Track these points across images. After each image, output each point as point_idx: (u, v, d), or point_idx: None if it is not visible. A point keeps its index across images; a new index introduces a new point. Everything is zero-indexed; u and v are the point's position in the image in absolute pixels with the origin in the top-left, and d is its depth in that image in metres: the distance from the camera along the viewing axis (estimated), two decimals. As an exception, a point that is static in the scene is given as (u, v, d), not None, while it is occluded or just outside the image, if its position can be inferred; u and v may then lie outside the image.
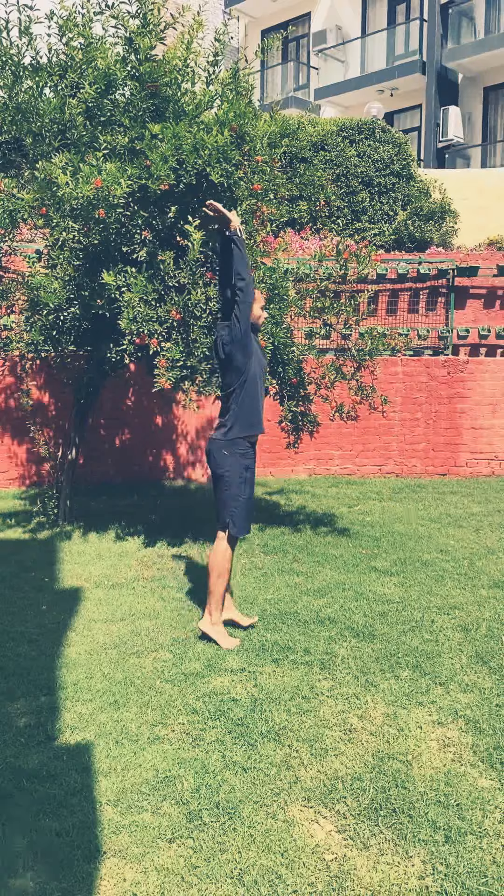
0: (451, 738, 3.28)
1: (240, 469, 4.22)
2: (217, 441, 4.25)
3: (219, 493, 4.27)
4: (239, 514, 4.24)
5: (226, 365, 4.27)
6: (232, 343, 4.18)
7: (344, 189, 11.05)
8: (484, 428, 10.00)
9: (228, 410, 4.26)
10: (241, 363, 4.20)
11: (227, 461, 4.21)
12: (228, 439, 4.22)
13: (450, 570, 5.69)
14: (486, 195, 12.56)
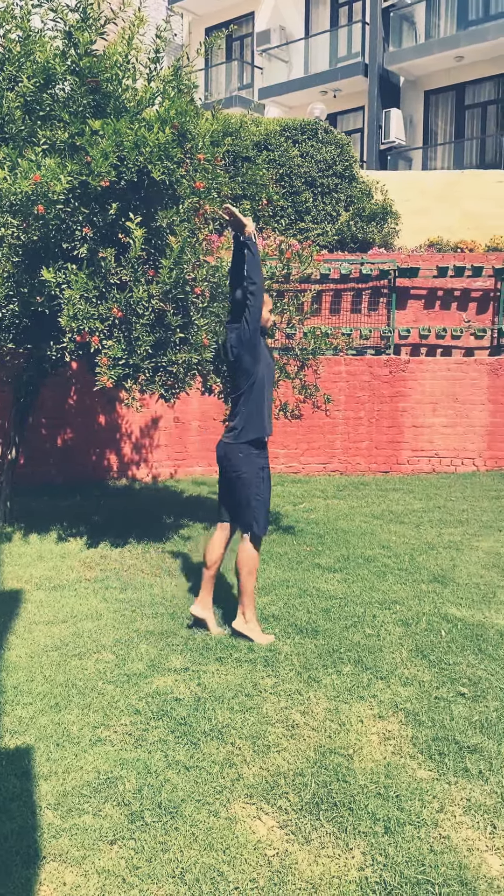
0: (392, 731, 3.33)
1: (256, 469, 4.27)
2: (230, 444, 4.29)
3: (237, 495, 4.29)
4: (261, 513, 4.29)
5: (235, 367, 4.31)
6: (241, 346, 4.21)
7: (287, 189, 11.11)
8: (425, 426, 10.18)
9: (238, 413, 4.28)
10: (249, 365, 4.23)
11: (243, 463, 4.25)
12: (239, 442, 4.26)
13: (391, 566, 5.78)
14: (426, 197, 12.78)
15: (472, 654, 4.14)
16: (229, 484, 4.35)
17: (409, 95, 19.33)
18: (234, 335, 4.24)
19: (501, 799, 2.83)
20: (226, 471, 4.35)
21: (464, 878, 2.41)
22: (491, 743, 3.21)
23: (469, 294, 10.90)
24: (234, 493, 4.33)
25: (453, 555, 6.15)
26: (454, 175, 13.08)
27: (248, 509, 4.28)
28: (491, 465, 10.22)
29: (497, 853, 2.54)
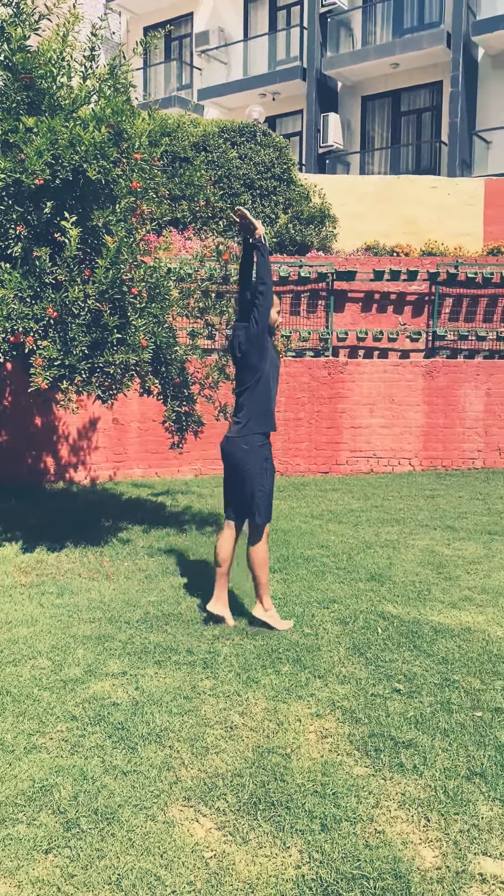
0: (329, 729, 3.37)
1: (260, 461, 4.41)
2: (234, 438, 4.44)
3: (242, 487, 4.44)
4: (263, 503, 4.45)
5: (241, 364, 4.46)
6: (249, 344, 4.37)
7: (226, 191, 11.12)
8: (363, 427, 10.32)
9: (242, 408, 4.44)
10: (256, 362, 4.38)
11: (247, 456, 4.39)
12: (244, 435, 4.40)
13: (330, 565, 5.84)
14: (363, 201, 12.97)
15: (407, 650, 4.22)
16: (234, 477, 4.49)
17: (347, 100, 19.59)
18: (243, 333, 4.40)
19: (435, 792, 2.89)
20: (230, 464, 4.49)
21: (398, 871, 2.45)
22: (425, 738, 3.27)
23: (405, 298, 11.11)
24: (238, 485, 4.47)
25: (390, 553, 6.25)
26: (390, 180, 13.31)
27: (251, 500, 4.44)
28: (426, 464, 10.43)
29: (430, 845, 2.60)
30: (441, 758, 3.12)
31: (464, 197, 12.90)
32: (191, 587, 5.29)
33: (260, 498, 4.43)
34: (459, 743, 3.23)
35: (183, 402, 6.52)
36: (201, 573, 5.61)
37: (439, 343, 11.08)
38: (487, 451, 10.46)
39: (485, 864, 2.50)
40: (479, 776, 2.99)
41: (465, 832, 2.66)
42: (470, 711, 3.51)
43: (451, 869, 2.47)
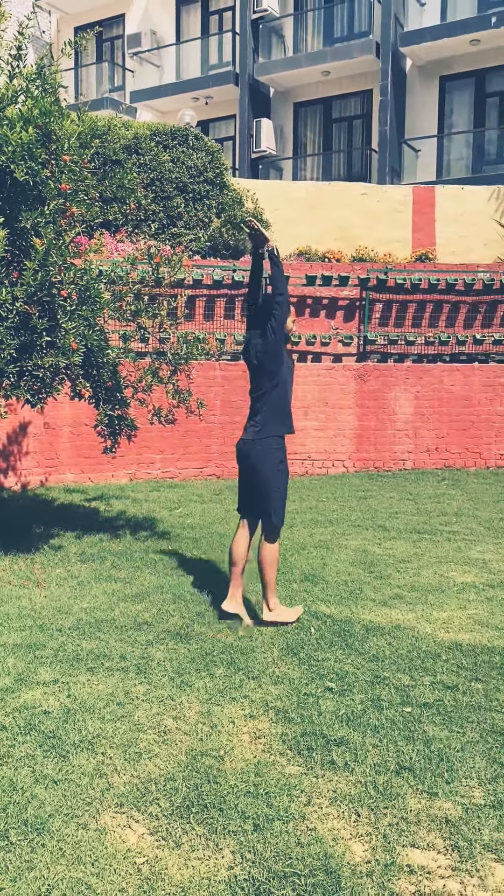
0: (262, 729, 3.39)
1: (275, 462, 4.56)
2: (251, 441, 4.58)
3: (258, 488, 4.59)
4: (278, 504, 4.58)
5: (258, 370, 4.59)
6: (266, 352, 4.50)
7: (159, 194, 11.08)
8: (297, 430, 10.41)
9: (259, 412, 4.58)
10: (274, 368, 4.53)
11: (263, 458, 4.53)
12: (262, 437, 4.55)
13: (264, 568, 5.87)
14: (296, 206, 13.10)
15: (339, 649, 4.28)
16: (249, 479, 4.63)
17: (280, 106, 19.77)
18: (260, 342, 4.51)
19: (365, 788, 2.94)
20: (246, 466, 4.63)
21: (329, 866, 2.49)
22: (356, 735, 3.33)
23: (337, 302, 11.27)
24: (254, 486, 4.62)
25: (324, 554, 6.33)
26: (322, 186, 13.49)
27: (267, 501, 4.57)
28: (359, 466, 10.60)
29: (360, 840, 2.64)
30: (371, 754, 3.18)
31: (393, 204, 13.17)
32: (125, 593, 5.25)
33: (276, 498, 4.57)
34: (389, 739, 3.30)
35: (116, 405, 6.47)
36: (135, 579, 5.57)
37: (370, 347, 11.28)
38: (417, 452, 10.70)
39: (413, 856, 2.56)
40: (408, 770, 3.05)
41: (394, 825, 2.72)
42: (400, 707, 3.58)
43: (380, 862, 2.52)
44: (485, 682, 3.85)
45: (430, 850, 2.60)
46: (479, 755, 3.16)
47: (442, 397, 10.71)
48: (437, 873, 2.48)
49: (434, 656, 4.19)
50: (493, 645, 4.35)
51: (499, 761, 3.12)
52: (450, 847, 2.60)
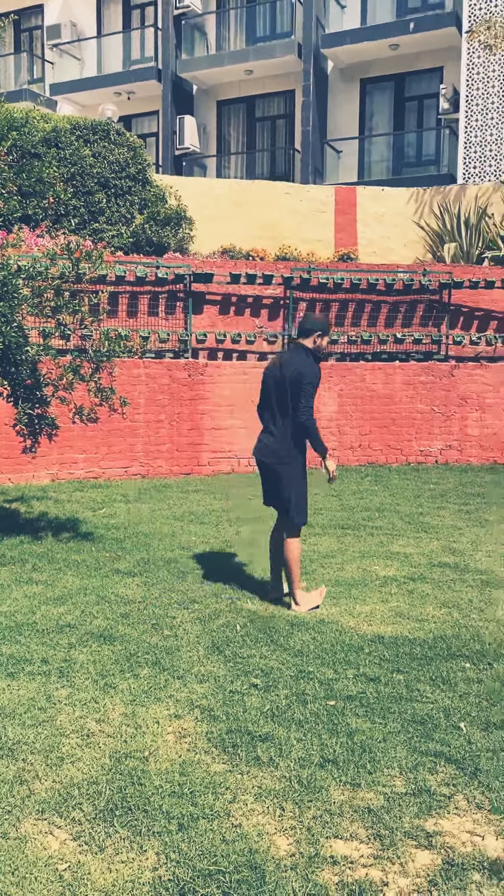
0: (187, 728, 3.37)
1: (298, 466, 4.86)
2: (274, 446, 4.89)
3: (280, 490, 4.88)
4: (301, 505, 4.88)
5: (286, 395, 4.84)
6: (297, 397, 4.77)
7: (80, 188, 10.90)
8: (224, 428, 10.43)
9: (286, 417, 4.85)
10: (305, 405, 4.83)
11: (286, 461, 4.84)
12: (282, 442, 4.85)
13: (190, 566, 5.86)
14: (219, 204, 13.10)
15: (264, 645, 4.30)
16: (270, 478, 4.96)
17: (203, 104, 19.73)
18: (294, 399, 4.76)
19: (290, 782, 2.96)
20: (269, 469, 4.93)
21: (253, 862, 2.50)
22: (281, 730, 3.35)
23: (261, 301, 11.32)
24: (277, 488, 4.91)
25: (250, 551, 6.34)
26: (246, 184, 13.53)
27: (289, 503, 4.86)
28: (286, 463, 10.67)
29: (285, 834, 2.66)
30: (296, 748, 3.20)
31: (315, 204, 13.32)
32: (46, 595, 5.14)
33: (298, 500, 4.86)
34: (313, 732, 3.33)
35: (35, 404, 6.32)
36: (57, 581, 5.46)
37: (295, 345, 11.38)
38: (341, 449, 10.85)
39: (336, 847, 2.60)
40: (332, 763, 3.09)
41: (317, 818, 2.75)
42: (324, 701, 3.62)
43: (304, 855, 2.55)
44: (406, 673, 3.94)
45: (353, 840, 2.64)
46: (401, 745, 3.23)
47: (365, 395, 10.89)
48: (360, 862, 2.52)
49: (357, 649, 4.26)
50: (413, 636, 4.45)
51: (419, 750, 3.19)
52: (372, 836, 2.65)
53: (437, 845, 2.60)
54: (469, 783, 2.96)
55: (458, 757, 3.13)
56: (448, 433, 11.01)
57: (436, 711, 3.51)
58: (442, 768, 3.06)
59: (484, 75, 15.60)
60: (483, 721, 3.43)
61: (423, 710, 3.54)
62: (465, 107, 15.82)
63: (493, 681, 3.84)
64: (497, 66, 15.46)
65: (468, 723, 3.41)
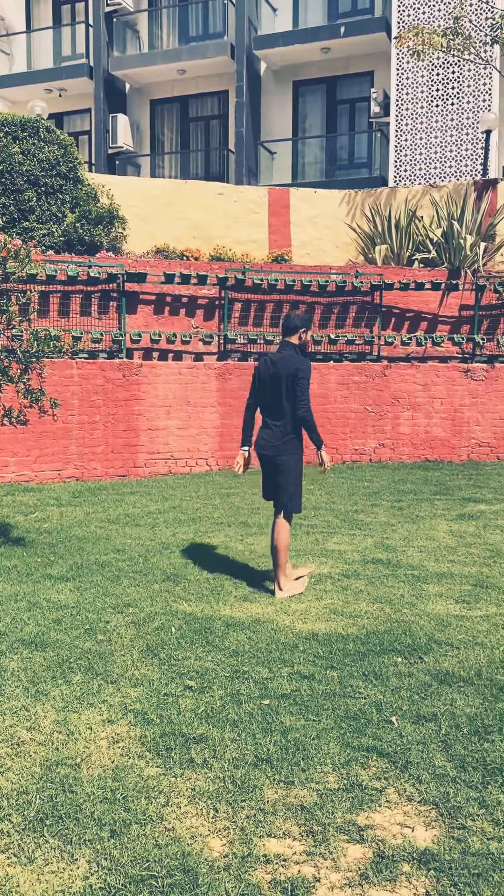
0: (121, 733, 3.34)
1: (296, 458, 5.21)
2: (275, 440, 5.18)
3: (278, 481, 5.23)
4: (296, 495, 5.26)
5: (284, 394, 5.18)
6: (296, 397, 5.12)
7: (8, 186, 10.67)
8: (160, 429, 10.36)
9: (285, 414, 5.17)
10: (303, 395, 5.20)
11: (285, 453, 5.17)
12: (282, 436, 5.17)
13: (125, 569, 5.80)
14: (153, 204, 13.01)
15: (200, 647, 4.29)
16: (270, 471, 5.27)
17: (136, 102, 19.56)
18: (296, 389, 5.08)
19: (224, 783, 2.96)
20: (270, 461, 5.23)
21: (186, 865, 2.48)
22: (215, 731, 3.35)
23: (196, 301, 11.29)
24: (275, 479, 5.25)
25: (186, 552, 6.32)
26: (179, 184, 13.47)
27: (285, 492, 5.23)
28: (222, 463, 10.68)
29: (218, 835, 2.66)
30: (230, 748, 3.20)
31: (249, 205, 13.36)
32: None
33: (293, 490, 5.22)
34: (248, 732, 3.34)
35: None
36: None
37: (231, 346, 11.39)
38: (279, 449, 10.91)
39: (269, 845, 2.60)
40: (266, 762, 3.10)
41: (251, 817, 2.75)
42: (258, 700, 3.63)
43: (237, 855, 2.55)
44: (339, 670, 3.98)
45: (287, 837, 2.65)
46: (334, 741, 3.27)
47: (300, 395, 10.98)
48: (293, 860, 2.54)
49: (292, 647, 4.28)
50: (347, 633, 4.51)
51: (352, 745, 3.23)
52: (305, 833, 2.67)
53: (368, 839, 2.63)
54: (400, 776, 3.01)
55: (390, 751, 3.18)
56: (381, 432, 11.20)
57: (368, 706, 3.56)
58: (374, 762, 3.11)
59: (413, 81, 15.91)
60: (414, 714, 3.49)
61: (356, 705, 3.58)
62: (395, 111, 16.10)
63: (423, 674, 3.91)
64: (425, 73, 15.79)
65: (400, 716, 3.47)
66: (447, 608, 4.96)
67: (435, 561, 6.06)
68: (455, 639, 4.40)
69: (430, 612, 4.88)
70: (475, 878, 2.43)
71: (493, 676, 3.87)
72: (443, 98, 15.73)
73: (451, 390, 11.27)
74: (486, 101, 15.42)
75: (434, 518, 7.62)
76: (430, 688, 3.76)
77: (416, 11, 15.74)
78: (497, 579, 5.56)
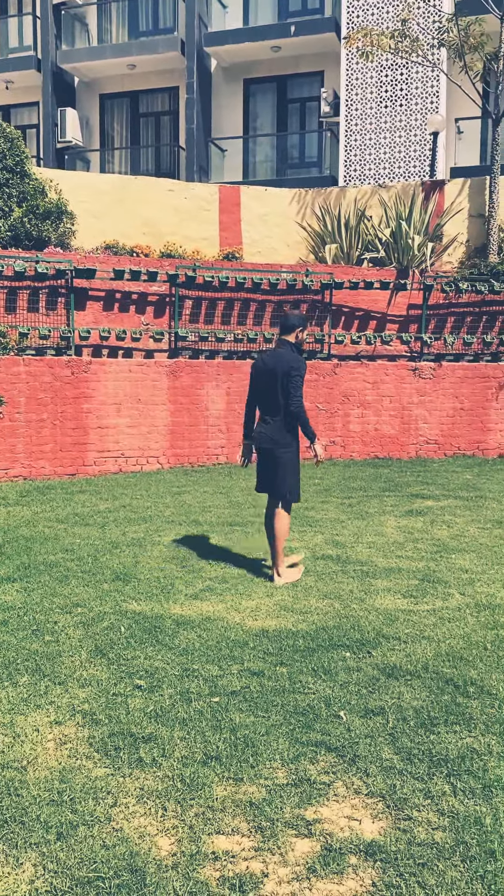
0: (68, 734, 3.30)
1: (293, 450, 5.44)
2: (271, 433, 5.41)
3: (276, 471, 5.43)
4: (294, 485, 5.49)
5: (279, 392, 5.40)
6: (289, 394, 5.34)
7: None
8: (110, 427, 10.27)
9: (279, 411, 5.39)
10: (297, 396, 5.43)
11: (282, 445, 5.40)
12: (279, 429, 5.39)
13: (74, 569, 5.74)
14: (102, 199, 12.88)
15: (150, 646, 4.27)
16: (268, 463, 5.45)
17: (85, 97, 19.33)
18: (289, 387, 5.30)
19: (173, 782, 2.95)
20: (267, 453, 5.43)
21: (134, 865, 2.47)
22: (164, 730, 3.33)
23: (147, 298, 11.22)
24: (272, 470, 5.45)
25: (136, 552, 6.28)
26: (128, 180, 13.36)
27: (283, 483, 5.43)
28: (174, 462, 10.64)
29: (167, 834, 2.65)
30: (179, 747, 3.19)
31: (200, 202, 13.32)
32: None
33: (292, 480, 5.43)
34: (197, 730, 3.33)
35: None
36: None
37: (182, 343, 11.35)
38: (230, 446, 10.92)
39: (218, 842, 2.61)
40: (215, 759, 3.10)
41: (200, 815, 2.75)
42: (208, 698, 3.63)
43: (185, 853, 2.54)
44: (289, 666, 4.00)
45: (235, 834, 2.65)
46: (283, 737, 3.28)
47: (251, 392, 11.01)
48: (241, 856, 2.54)
49: (242, 645, 4.29)
50: (297, 629, 4.53)
51: (300, 741, 3.25)
52: (253, 829, 2.68)
53: (316, 833, 2.66)
54: (348, 769, 3.04)
55: (338, 745, 3.22)
56: (332, 430, 11.29)
57: (317, 701, 3.59)
58: (322, 757, 3.13)
59: (362, 81, 16.06)
60: (362, 708, 3.53)
61: (305, 700, 3.61)
62: (345, 111, 16.23)
63: (371, 668, 3.96)
64: (374, 74, 15.96)
65: (348, 711, 3.51)
66: (395, 603, 5.03)
67: (383, 556, 6.14)
68: (402, 633, 4.46)
69: (379, 606, 4.94)
70: (420, 868, 2.47)
71: (439, 669, 3.94)
72: (392, 99, 15.92)
73: (400, 388, 11.43)
74: (434, 103, 15.66)
75: (383, 514, 7.72)
76: (378, 682, 3.80)
77: (365, 13, 15.89)
78: (443, 574, 5.66)
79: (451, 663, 4.02)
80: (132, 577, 5.58)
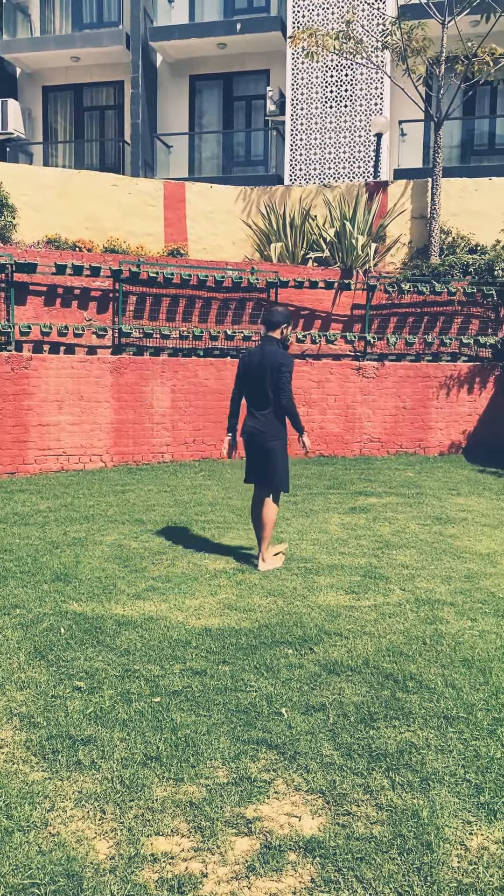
0: (5, 738, 3.23)
1: (282, 442, 5.67)
2: (261, 426, 5.63)
3: (266, 463, 5.66)
4: (284, 475, 5.72)
5: (267, 388, 5.65)
6: (280, 389, 5.59)
7: None
8: (51, 424, 10.10)
9: (269, 405, 5.63)
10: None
11: (272, 437, 5.61)
12: (269, 421, 5.62)
13: (12, 570, 5.62)
14: (44, 193, 12.66)
15: (90, 647, 4.21)
16: (259, 455, 5.67)
17: (28, 88, 18.96)
18: (279, 381, 5.54)
19: (112, 784, 2.91)
20: (257, 445, 5.64)
21: (71, 870, 2.43)
22: (104, 731, 3.29)
23: (89, 293, 11.06)
24: (262, 462, 5.68)
25: (77, 551, 6.19)
26: (71, 174, 13.15)
27: (274, 474, 5.67)
28: (117, 460, 10.52)
29: (105, 837, 2.61)
30: (119, 748, 3.16)
31: (144, 197, 13.21)
32: None
33: (282, 471, 5.67)
34: (137, 731, 3.30)
35: None
36: None
37: (126, 340, 11.23)
38: (175, 444, 10.85)
39: (157, 844, 2.58)
40: (155, 760, 3.08)
41: (139, 817, 2.72)
42: (149, 699, 3.60)
43: (124, 856, 2.51)
44: (231, 664, 3.99)
45: (175, 835, 2.63)
46: (224, 735, 3.27)
47: (198, 391, 10.95)
48: (181, 857, 2.52)
49: (185, 644, 4.26)
50: (240, 627, 4.53)
51: (242, 739, 3.24)
52: (193, 829, 2.66)
53: (255, 831, 2.65)
54: (288, 767, 3.05)
55: (279, 742, 3.22)
56: (277, 427, 11.30)
57: (259, 699, 3.59)
58: (263, 755, 3.13)
59: (308, 81, 16.14)
60: (303, 705, 3.55)
61: (247, 699, 3.60)
62: (290, 110, 16.29)
63: (313, 665, 3.98)
64: (320, 74, 16.05)
65: (289, 708, 3.51)
66: (337, 599, 5.06)
67: (327, 553, 6.18)
68: (344, 629, 4.50)
69: (321, 603, 4.97)
70: (358, 862, 2.49)
71: (379, 664, 3.98)
72: (336, 100, 16.04)
73: (345, 387, 11.53)
74: (378, 104, 15.84)
75: (327, 511, 7.77)
76: (320, 678, 3.82)
77: (310, 12, 15.96)
78: (385, 570, 5.73)
79: (392, 658, 4.06)
80: (73, 577, 5.49)
